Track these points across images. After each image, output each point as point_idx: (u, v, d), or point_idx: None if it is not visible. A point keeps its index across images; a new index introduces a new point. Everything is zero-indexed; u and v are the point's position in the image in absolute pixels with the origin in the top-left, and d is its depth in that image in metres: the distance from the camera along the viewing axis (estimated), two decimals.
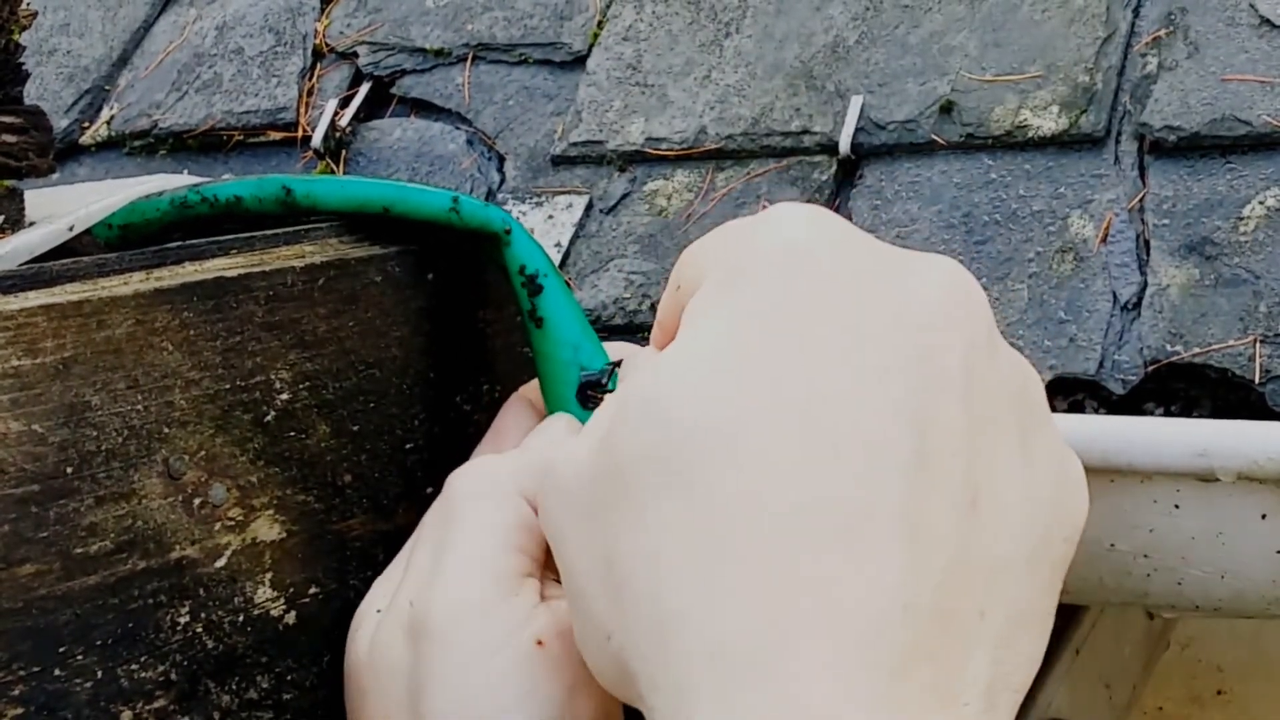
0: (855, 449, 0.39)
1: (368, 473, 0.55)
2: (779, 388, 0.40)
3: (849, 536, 0.38)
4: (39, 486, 0.45)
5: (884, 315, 0.41)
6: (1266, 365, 0.87)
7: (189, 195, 0.59)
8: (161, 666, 0.48)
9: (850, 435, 0.39)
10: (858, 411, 0.39)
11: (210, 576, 0.50)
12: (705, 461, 0.39)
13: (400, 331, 0.56)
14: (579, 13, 1.31)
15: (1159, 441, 0.78)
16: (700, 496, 0.39)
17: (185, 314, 0.50)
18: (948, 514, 0.39)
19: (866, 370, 0.40)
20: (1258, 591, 0.77)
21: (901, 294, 0.41)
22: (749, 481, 0.39)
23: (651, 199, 1.16)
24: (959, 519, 0.39)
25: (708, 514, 0.39)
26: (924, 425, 0.40)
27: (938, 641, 0.38)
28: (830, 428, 0.39)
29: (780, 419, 0.39)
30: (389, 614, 0.50)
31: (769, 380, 0.40)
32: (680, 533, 0.39)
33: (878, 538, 0.38)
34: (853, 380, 0.40)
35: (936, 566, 0.38)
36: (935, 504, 0.39)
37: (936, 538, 0.39)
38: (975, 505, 0.40)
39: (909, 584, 0.38)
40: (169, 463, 0.49)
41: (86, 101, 1.45)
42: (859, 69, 1.16)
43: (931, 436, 0.40)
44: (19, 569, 0.45)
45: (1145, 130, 1.02)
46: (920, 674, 0.37)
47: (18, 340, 0.45)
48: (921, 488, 0.39)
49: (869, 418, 0.39)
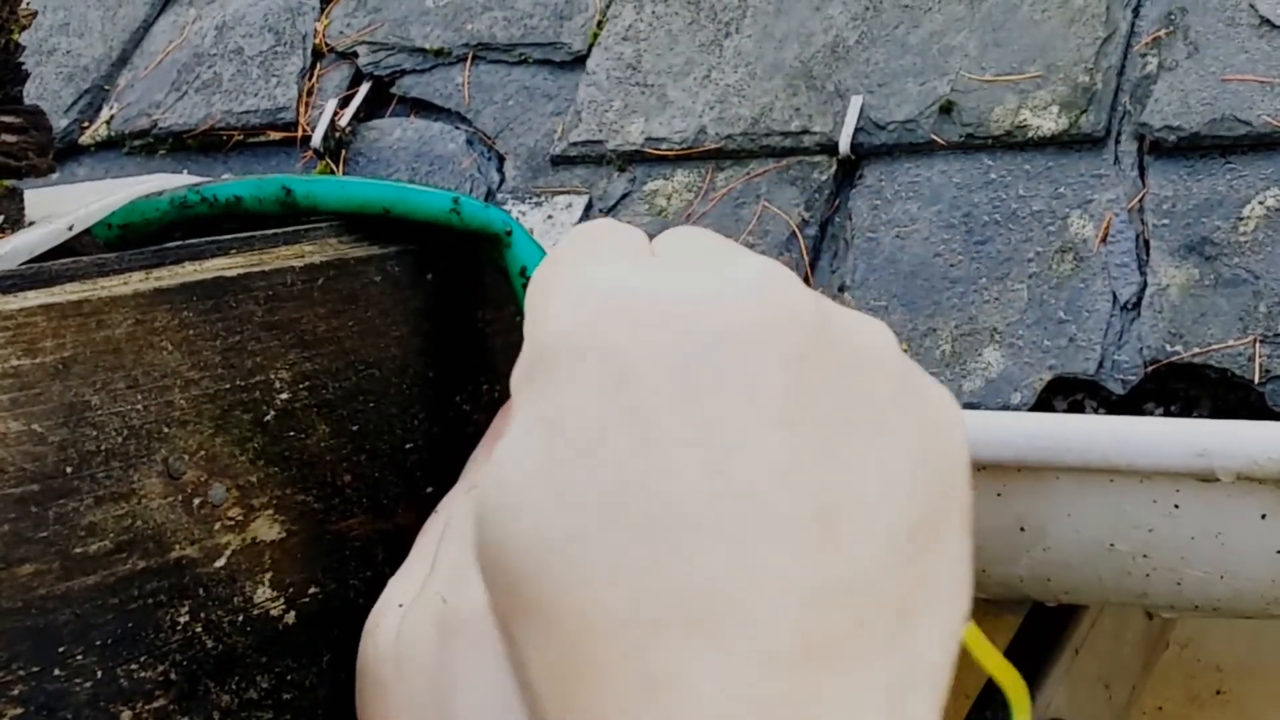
0: (675, 526, 0.37)
1: (367, 473, 0.55)
2: (591, 488, 0.38)
3: (690, 622, 0.37)
4: (39, 486, 0.45)
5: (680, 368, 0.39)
6: (1266, 365, 0.87)
7: (189, 195, 0.59)
8: (161, 666, 0.48)
9: (666, 511, 0.37)
10: (668, 483, 0.38)
11: (210, 576, 0.50)
12: (543, 580, 0.38)
13: (400, 331, 0.56)
14: (579, 12, 1.31)
15: (1158, 441, 0.78)
16: (547, 616, 0.38)
17: (185, 314, 0.50)
18: (794, 555, 0.37)
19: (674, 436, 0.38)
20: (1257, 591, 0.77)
21: (696, 336, 0.39)
22: (587, 593, 0.38)
23: (651, 199, 1.16)
24: (808, 552, 0.37)
25: (559, 632, 0.38)
26: (741, 471, 0.38)
27: (815, 676, 0.36)
28: (645, 510, 0.37)
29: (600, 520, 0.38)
30: (416, 607, 0.50)
31: (579, 484, 0.38)
32: (542, 656, 0.39)
33: (722, 618, 0.36)
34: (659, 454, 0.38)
35: (790, 615, 0.37)
36: (779, 551, 0.37)
37: (784, 585, 0.37)
38: (828, 529, 0.38)
39: (766, 642, 0.36)
40: (169, 462, 0.49)
41: (86, 101, 1.45)
42: (859, 69, 1.16)
43: (758, 478, 0.38)
44: (18, 569, 0.45)
45: (1145, 130, 1.02)
46: (809, 712, 0.36)
47: (17, 340, 0.45)
48: (762, 539, 0.37)
49: (677, 485, 0.37)
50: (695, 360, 0.38)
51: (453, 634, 0.48)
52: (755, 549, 0.37)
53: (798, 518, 0.38)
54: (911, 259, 1.03)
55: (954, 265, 1.01)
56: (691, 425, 0.38)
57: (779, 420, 0.38)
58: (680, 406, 0.38)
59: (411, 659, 0.49)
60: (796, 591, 0.37)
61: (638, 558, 0.37)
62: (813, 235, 1.09)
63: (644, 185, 1.17)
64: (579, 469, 0.38)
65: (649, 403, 0.38)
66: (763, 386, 0.38)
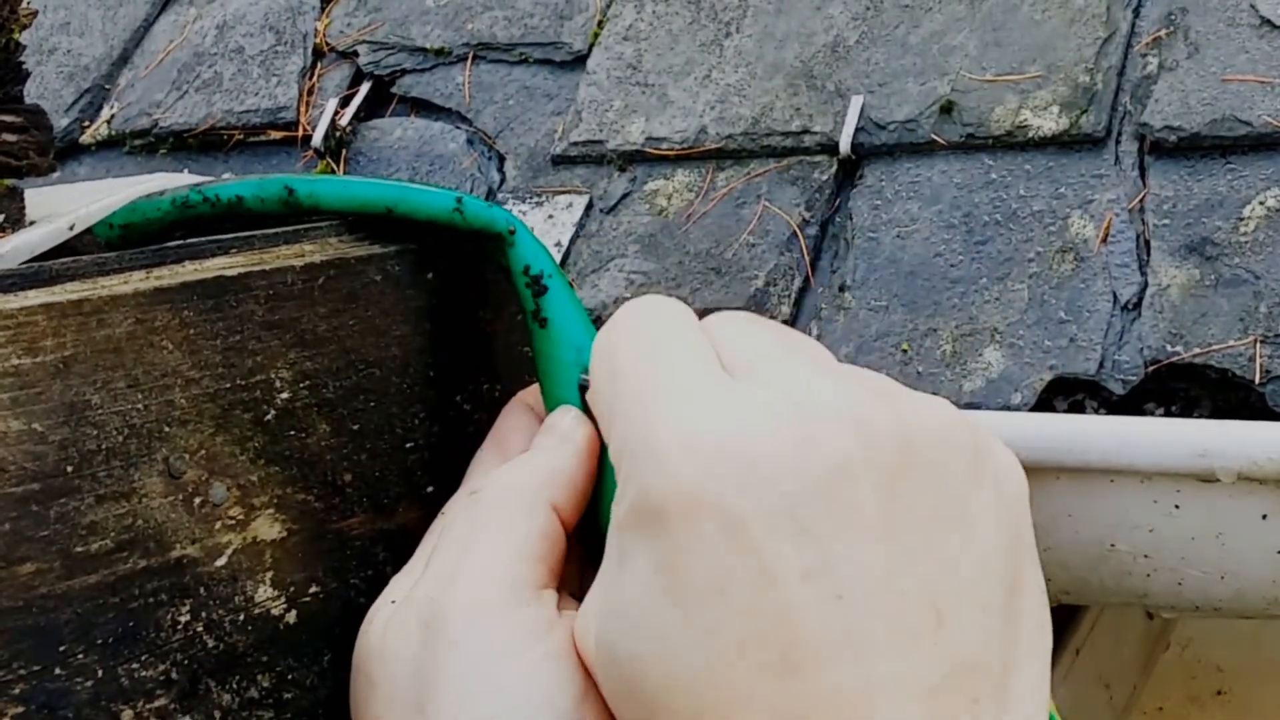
0: (802, 653, 0.41)
1: (368, 472, 0.55)
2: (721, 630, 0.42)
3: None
4: (39, 485, 0.45)
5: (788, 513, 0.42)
6: (1267, 365, 0.87)
7: (191, 195, 0.59)
8: (162, 665, 0.48)
9: (793, 642, 0.41)
10: (791, 615, 0.41)
11: (211, 575, 0.50)
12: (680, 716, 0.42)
13: (400, 330, 0.56)
14: (579, 12, 1.31)
15: (1159, 442, 0.78)
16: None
17: (185, 313, 0.50)
18: (910, 654, 0.41)
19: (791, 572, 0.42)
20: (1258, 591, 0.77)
21: (797, 481, 0.43)
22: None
23: (652, 199, 1.16)
24: (923, 648, 0.41)
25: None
26: (853, 591, 0.41)
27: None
28: (774, 643, 0.41)
29: (732, 658, 0.41)
30: (405, 605, 0.50)
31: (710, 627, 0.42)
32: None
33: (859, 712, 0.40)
34: (780, 592, 0.42)
35: (912, 713, 0.40)
36: (896, 655, 0.41)
37: (905, 684, 0.41)
38: (938, 620, 0.42)
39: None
40: (169, 462, 0.48)
41: (87, 100, 1.45)
42: (859, 69, 1.16)
43: (869, 594, 0.41)
44: (19, 568, 0.45)
45: (1145, 130, 1.02)
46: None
47: (18, 339, 0.45)
48: (880, 648, 0.41)
49: (799, 615, 0.41)
50: (799, 503, 0.42)
51: (436, 633, 0.48)
52: (875, 659, 0.41)
53: (909, 619, 0.42)
54: (912, 259, 1.03)
55: (954, 265, 1.01)
56: (805, 560, 0.42)
57: (880, 536, 0.42)
58: (792, 548, 0.42)
59: (396, 655, 0.49)
60: (916, 688, 0.41)
61: (769, 687, 0.41)
62: (813, 235, 1.09)
63: (644, 185, 1.17)
64: (707, 613, 0.42)
65: (765, 547, 0.42)
66: (860, 512, 0.42)
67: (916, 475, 0.44)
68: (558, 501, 0.51)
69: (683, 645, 0.42)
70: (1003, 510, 0.45)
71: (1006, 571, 0.44)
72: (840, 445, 0.43)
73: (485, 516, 0.51)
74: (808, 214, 1.10)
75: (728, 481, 0.42)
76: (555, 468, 0.52)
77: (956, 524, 0.44)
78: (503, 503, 0.51)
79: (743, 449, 0.43)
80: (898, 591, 0.42)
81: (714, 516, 0.42)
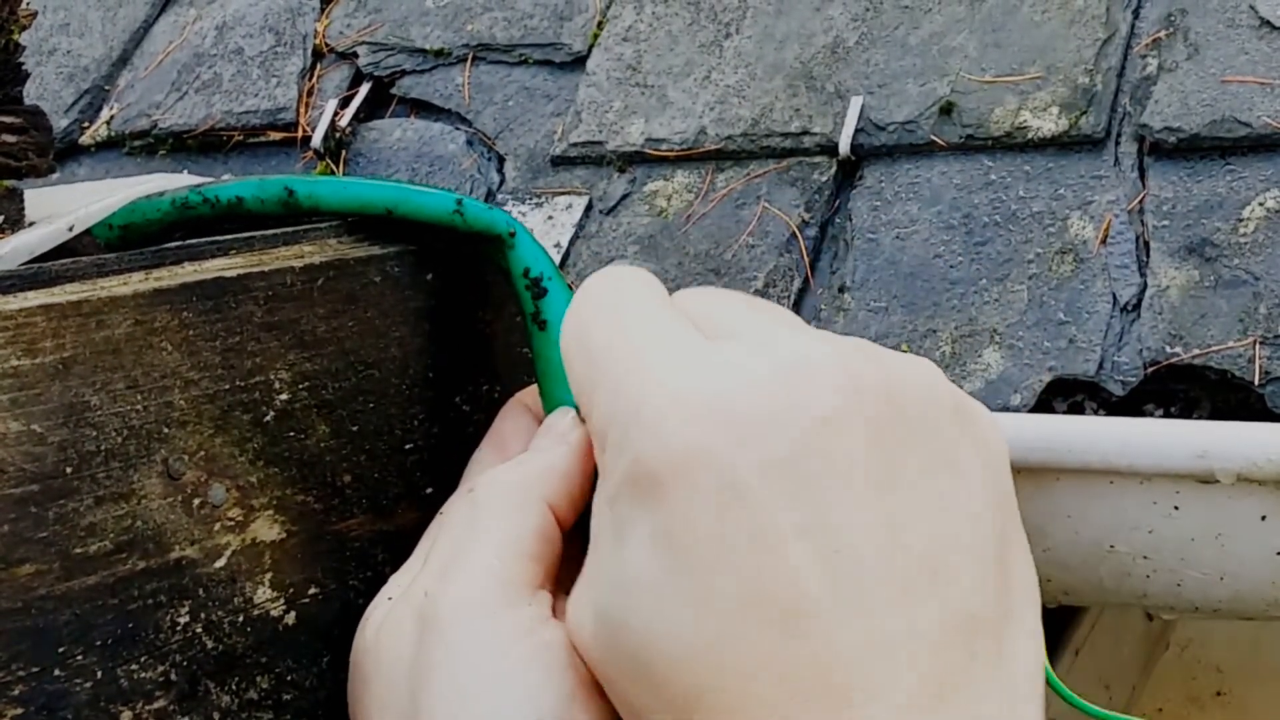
0: (804, 612, 0.41)
1: (367, 473, 0.55)
2: (723, 594, 0.41)
3: (831, 693, 0.40)
4: (38, 486, 0.45)
5: (781, 470, 0.42)
6: (1266, 366, 0.87)
7: (190, 196, 0.59)
8: (161, 667, 0.48)
9: (793, 601, 0.41)
10: (790, 575, 0.41)
11: (210, 577, 0.49)
12: (686, 681, 0.42)
13: (399, 332, 0.56)
14: (579, 13, 1.31)
15: (1158, 443, 0.78)
16: (696, 710, 0.41)
17: (184, 314, 0.50)
18: (910, 610, 0.41)
19: (787, 531, 0.41)
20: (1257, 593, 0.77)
21: (789, 436, 0.42)
22: (733, 689, 0.41)
23: (651, 200, 1.16)
24: (921, 603, 0.41)
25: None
26: (850, 547, 0.41)
27: (945, 717, 0.40)
28: (775, 604, 0.41)
29: (735, 622, 0.41)
30: (402, 600, 0.50)
31: (712, 592, 0.41)
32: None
33: (859, 686, 0.40)
34: (778, 552, 0.41)
35: (918, 668, 0.40)
36: (896, 610, 0.41)
37: (907, 640, 0.40)
38: (933, 576, 0.41)
39: (900, 697, 0.40)
40: (168, 463, 0.48)
41: (86, 101, 1.45)
42: (859, 70, 1.16)
43: (865, 549, 0.41)
44: (18, 569, 0.45)
45: (1145, 131, 1.02)
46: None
47: (17, 340, 0.45)
48: (880, 604, 0.41)
49: (798, 575, 0.41)
50: (793, 459, 0.42)
51: (430, 628, 0.48)
52: (876, 615, 0.41)
53: (907, 574, 0.41)
54: (911, 260, 1.03)
55: (954, 266, 1.01)
56: (800, 517, 0.41)
57: (874, 488, 0.42)
58: (788, 503, 0.41)
59: (390, 651, 0.49)
60: (919, 643, 0.40)
61: (774, 648, 0.41)
62: (813, 236, 1.09)
63: (644, 186, 1.17)
64: (709, 578, 0.42)
65: (761, 503, 0.41)
66: (852, 465, 0.42)
67: (905, 427, 0.43)
68: (553, 500, 0.51)
69: (688, 614, 0.42)
70: (988, 463, 0.45)
71: (996, 525, 0.44)
72: (829, 397, 0.43)
73: (481, 514, 0.51)
74: (807, 215, 1.10)
75: (721, 438, 0.42)
76: (551, 467, 0.52)
77: (948, 476, 0.43)
78: (498, 501, 0.51)
79: (734, 405, 0.43)
80: (895, 545, 0.41)
81: (710, 474, 0.42)
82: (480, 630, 0.48)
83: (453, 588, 0.48)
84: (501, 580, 0.49)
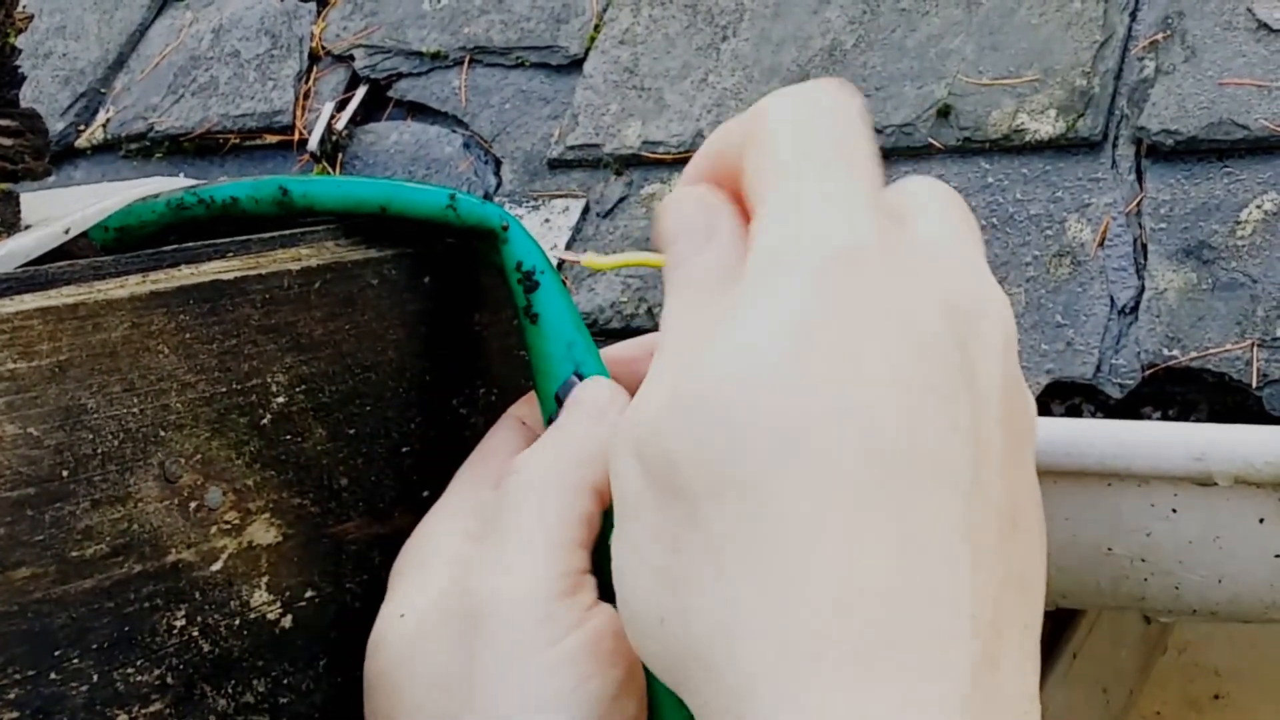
0: (917, 466, 0.38)
1: (364, 476, 0.55)
2: (841, 396, 0.38)
3: (913, 550, 0.37)
4: (34, 489, 0.45)
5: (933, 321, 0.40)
6: (1264, 369, 0.87)
7: (185, 197, 0.59)
8: (157, 670, 0.48)
9: (911, 451, 0.38)
10: (917, 426, 0.38)
11: (206, 580, 0.49)
12: (765, 470, 0.38)
13: (396, 335, 0.56)
14: (576, 16, 1.31)
15: (1156, 445, 0.78)
16: (761, 505, 0.38)
17: (181, 317, 0.49)
18: (1000, 534, 0.39)
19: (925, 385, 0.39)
20: (1255, 595, 0.77)
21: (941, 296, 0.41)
22: (810, 494, 0.37)
23: (648, 202, 1.16)
24: (1007, 539, 0.39)
25: (769, 523, 0.38)
26: (977, 444, 0.39)
27: (998, 654, 0.38)
28: (892, 443, 0.38)
29: (843, 430, 0.38)
30: (435, 606, 0.50)
31: (830, 388, 0.38)
32: (742, 538, 0.38)
33: (941, 553, 0.38)
34: (916, 397, 0.39)
35: (993, 583, 0.38)
36: (990, 523, 0.39)
37: (992, 558, 0.39)
38: (1016, 526, 0.40)
39: (975, 597, 0.38)
40: (165, 466, 0.48)
41: (82, 104, 1.45)
42: (856, 72, 1.16)
43: (982, 456, 0.39)
44: (14, 572, 0.45)
45: (1142, 134, 1.02)
46: (987, 683, 0.37)
47: (13, 343, 0.45)
48: (978, 507, 0.39)
49: (928, 435, 0.38)
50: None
51: (480, 626, 0.48)
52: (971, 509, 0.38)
53: (1002, 501, 0.39)
54: None
55: None
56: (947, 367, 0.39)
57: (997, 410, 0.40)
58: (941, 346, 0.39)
59: (426, 655, 0.49)
60: (997, 568, 0.39)
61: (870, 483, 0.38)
62: None
63: (641, 189, 1.17)
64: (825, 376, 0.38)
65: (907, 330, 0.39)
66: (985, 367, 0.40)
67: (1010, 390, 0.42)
68: (598, 483, 0.51)
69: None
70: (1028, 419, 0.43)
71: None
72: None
73: (521, 504, 0.50)
74: None
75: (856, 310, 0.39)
76: (595, 453, 0.51)
77: (1024, 435, 0.42)
78: (544, 491, 0.50)
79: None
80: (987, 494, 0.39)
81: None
82: (533, 624, 0.48)
83: (501, 582, 0.48)
84: (551, 573, 0.49)
